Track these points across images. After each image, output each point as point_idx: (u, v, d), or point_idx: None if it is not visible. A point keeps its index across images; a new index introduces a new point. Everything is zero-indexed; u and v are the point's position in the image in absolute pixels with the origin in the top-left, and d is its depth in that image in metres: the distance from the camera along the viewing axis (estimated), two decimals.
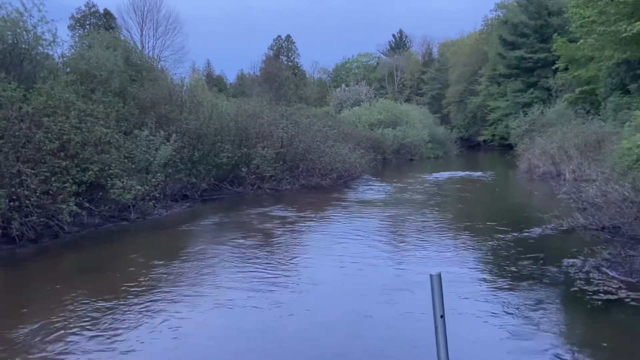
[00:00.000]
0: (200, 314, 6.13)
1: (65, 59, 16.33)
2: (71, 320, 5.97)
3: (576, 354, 4.81)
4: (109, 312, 6.24)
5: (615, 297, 6.08)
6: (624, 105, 20.03)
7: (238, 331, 5.69)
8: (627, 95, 21.08)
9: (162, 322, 5.87)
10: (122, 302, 6.57)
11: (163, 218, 13.19)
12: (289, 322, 5.87)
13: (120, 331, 5.63)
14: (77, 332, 5.62)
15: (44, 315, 6.18)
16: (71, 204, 10.68)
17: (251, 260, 8.59)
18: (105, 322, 5.90)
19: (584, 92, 27.60)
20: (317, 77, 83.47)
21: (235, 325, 5.88)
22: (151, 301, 6.60)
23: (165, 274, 7.92)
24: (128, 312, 6.21)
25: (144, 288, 7.16)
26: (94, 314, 6.15)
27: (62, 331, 5.66)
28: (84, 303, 6.56)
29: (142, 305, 6.43)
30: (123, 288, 7.15)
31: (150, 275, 7.80)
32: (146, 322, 5.87)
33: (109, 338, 5.46)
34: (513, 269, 7.53)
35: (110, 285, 7.35)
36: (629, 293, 6.14)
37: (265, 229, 11.46)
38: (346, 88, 52.56)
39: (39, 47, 14.58)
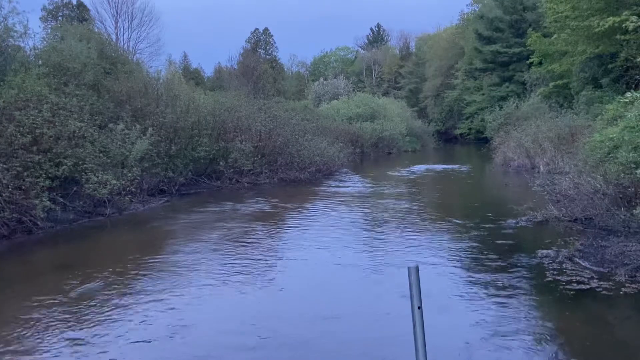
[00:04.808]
0: (176, 310, 6.08)
1: (37, 51, 15.97)
2: (45, 318, 5.87)
3: (549, 343, 4.92)
4: (84, 309, 6.15)
5: (588, 286, 6.23)
6: (596, 99, 20.42)
7: (213, 329, 5.68)
8: (599, 89, 21.49)
9: (139, 320, 5.81)
10: (98, 300, 6.49)
11: (140, 213, 13.03)
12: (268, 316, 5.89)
13: (95, 330, 5.56)
14: (51, 331, 5.53)
15: (18, 313, 6.07)
16: (45, 199, 10.47)
17: (229, 256, 8.55)
18: (80, 320, 5.81)
19: (557, 86, 28.06)
20: (295, 71, 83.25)
21: (211, 322, 5.87)
22: (128, 299, 6.53)
23: (142, 270, 7.83)
24: (103, 311, 6.14)
25: (120, 285, 7.07)
26: (69, 312, 6.06)
27: (36, 329, 5.57)
28: (58, 300, 6.45)
29: (118, 303, 6.36)
30: (100, 285, 7.06)
31: (127, 272, 7.71)
32: (123, 320, 5.81)
33: (83, 337, 5.39)
34: (488, 260, 7.65)
35: (86, 282, 7.23)
36: (601, 283, 6.30)
37: (244, 223, 11.41)
38: (324, 82, 52.50)
39: (10, 39, 14.24)
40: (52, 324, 5.70)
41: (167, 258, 8.51)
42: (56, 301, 6.41)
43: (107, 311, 6.05)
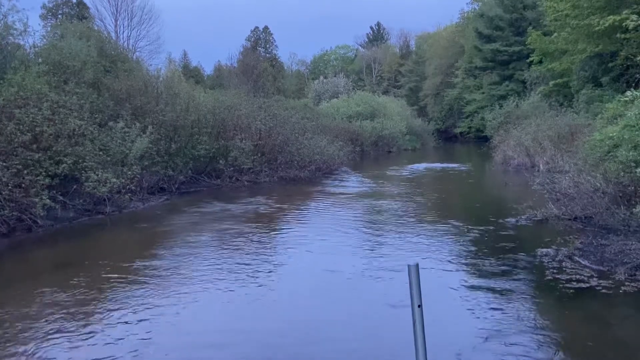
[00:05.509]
0: (176, 309, 6.08)
1: (37, 49, 15.97)
2: (45, 317, 5.87)
3: (548, 342, 4.92)
4: (84, 308, 6.15)
5: (587, 285, 6.23)
6: (596, 98, 20.42)
7: (212, 328, 5.68)
8: (599, 88, 21.49)
9: (139, 319, 5.81)
10: (98, 298, 6.49)
11: (140, 211, 13.03)
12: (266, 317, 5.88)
13: (96, 328, 5.56)
14: (51, 330, 5.53)
15: (17, 311, 6.07)
16: (44, 198, 10.47)
17: (229, 254, 8.55)
18: (80, 319, 5.81)
19: (557, 84, 28.06)
20: (295, 69, 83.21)
21: (210, 321, 5.87)
22: (128, 297, 6.53)
23: (142, 268, 7.83)
24: (104, 309, 6.14)
25: (120, 283, 7.07)
26: (69, 311, 6.06)
27: (36, 329, 5.57)
28: (59, 299, 6.46)
29: (118, 302, 6.36)
30: (99, 283, 7.06)
31: (127, 270, 7.71)
32: (123, 320, 5.80)
33: (83, 335, 5.39)
34: (488, 258, 7.65)
35: (86, 280, 7.23)
36: (600, 281, 6.30)
37: (242, 223, 11.41)
38: (324, 80, 52.45)
39: (10, 37, 14.24)
40: (52, 323, 5.69)
41: (168, 257, 8.50)
42: (56, 300, 6.41)
43: (109, 312, 6.05)
